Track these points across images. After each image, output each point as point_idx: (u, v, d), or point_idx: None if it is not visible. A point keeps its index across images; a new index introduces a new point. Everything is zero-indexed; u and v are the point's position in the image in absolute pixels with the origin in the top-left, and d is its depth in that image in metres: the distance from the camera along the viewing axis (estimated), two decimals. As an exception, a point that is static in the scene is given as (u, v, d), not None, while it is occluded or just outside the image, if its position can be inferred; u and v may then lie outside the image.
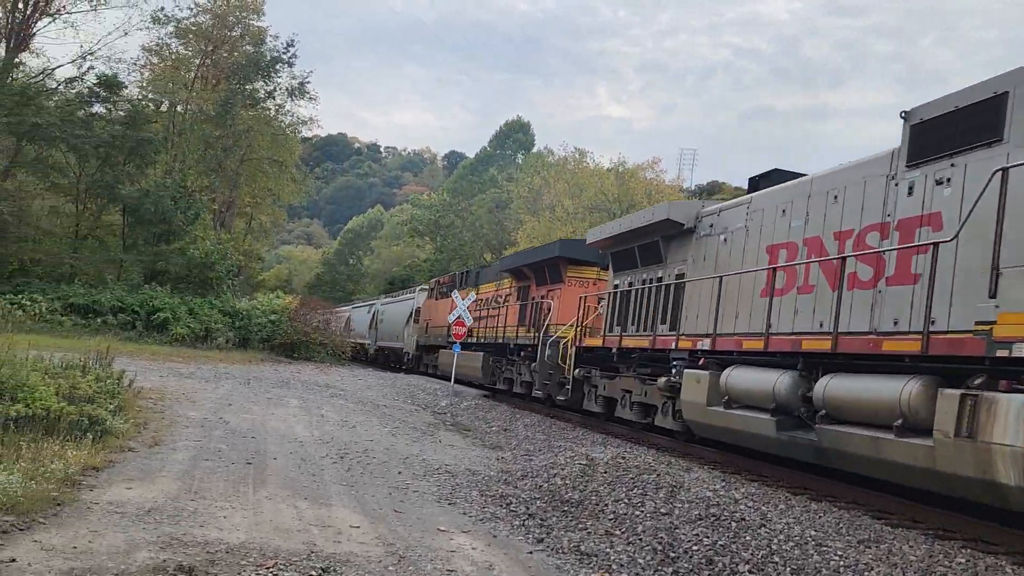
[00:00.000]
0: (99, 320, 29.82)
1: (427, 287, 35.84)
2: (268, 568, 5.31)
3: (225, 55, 44.28)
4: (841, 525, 7.83)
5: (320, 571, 5.41)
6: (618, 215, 34.92)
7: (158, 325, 30.83)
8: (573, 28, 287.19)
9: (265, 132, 45.44)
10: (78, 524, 5.76)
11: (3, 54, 34.99)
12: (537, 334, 19.95)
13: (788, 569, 6.42)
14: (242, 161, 44.53)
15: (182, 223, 35.48)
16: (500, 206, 61.20)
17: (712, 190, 66.81)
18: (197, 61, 44.34)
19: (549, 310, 20.30)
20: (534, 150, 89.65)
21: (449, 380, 25.80)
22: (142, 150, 35.27)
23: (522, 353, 21.66)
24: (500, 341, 23.47)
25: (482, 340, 25.50)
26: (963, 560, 6.54)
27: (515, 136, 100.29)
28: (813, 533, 7.23)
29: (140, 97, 40.61)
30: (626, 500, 8.56)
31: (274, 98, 45.89)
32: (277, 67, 44.21)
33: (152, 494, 6.94)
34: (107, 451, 8.33)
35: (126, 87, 38.51)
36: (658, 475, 9.38)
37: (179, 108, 42.62)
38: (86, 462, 7.52)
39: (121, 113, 36.76)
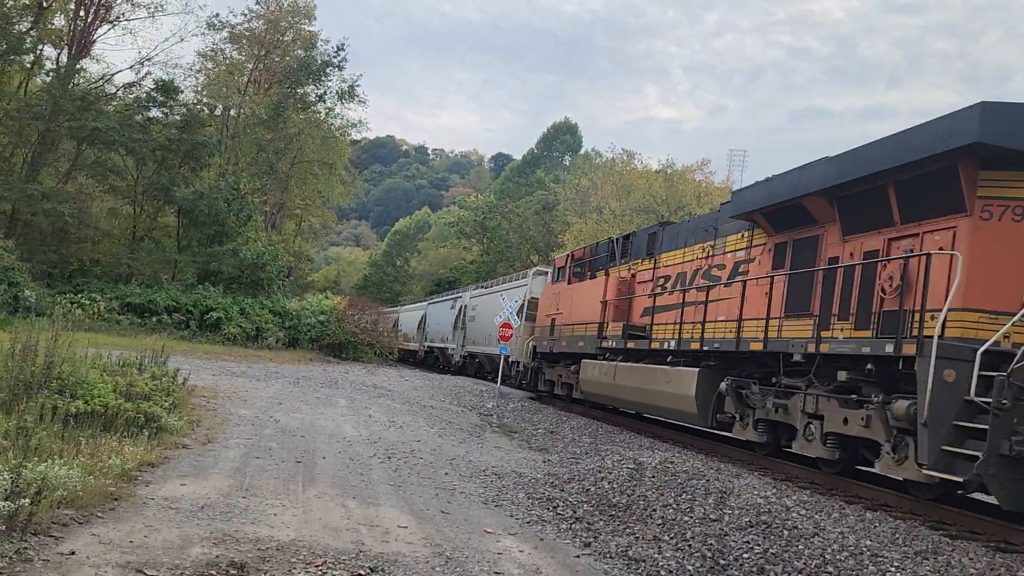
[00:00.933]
0: (154, 319, 30.57)
1: (544, 269, 26.97)
2: (317, 566, 5.36)
3: (277, 59, 45.09)
4: (897, 535, 7.61)
5: (368, 570, 5.45)
6: (666, 218, 34.60)
7: (211, 325, 31.48)
8: (620, 29, 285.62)
9: (315, 135, 46.12)
10: (134, 519, 5.89)
11: (65, 60, 36.11)
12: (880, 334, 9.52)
13: (842, 580, 6.26)
14: (293, 164, 45.26)
15: (234, 224, 36.19)
16: (547, 208, 61.05)
17: (762, 191, 65.66)
18: (250, 66, 45.24)
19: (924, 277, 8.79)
20: (581, 152, 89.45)
21: (606, 409, 19.64)
22: (197, 153, 36.08)
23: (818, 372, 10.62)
24: (739, 348, 12.34)
25: (670, 342, 14.75)
26: (1028, 575, 6.31)
27: (562, 138, 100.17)
28: (868, 543, 7.04)
29: (195, 101, 41.61)
30: (674, 505, 8.45)
31: (324, 101, 46.57)
32: (328, 71, 44.83)
33: (205, 491, 7.07)
34: (162, 448, 8.52)
35: (182, 92, 39.48)
36: (707, 480, 9.24)
37: (232, 112, 43.51)
38: (142, 458, 7.70)
39: (177, 117, 37.67)
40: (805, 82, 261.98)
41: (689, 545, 7.24)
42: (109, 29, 37.98)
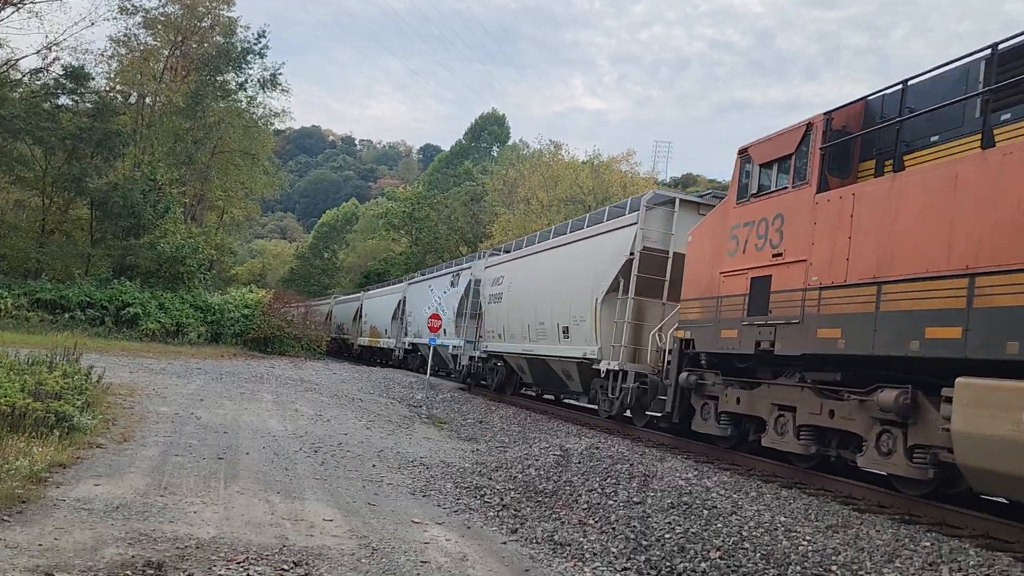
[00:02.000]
0: (67, 316, 29.37)
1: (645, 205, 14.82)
2: (239, 563, 5.28)
3: (195, 46, 43.70)
4: (810, 511, 7.92)
5: (292, 565, 5.39)
6: (593, 208, 34.97)
7: (128, 320, 30.42)
8: (548, 19, 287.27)
9: (237, 124, 44.92)
10: (44, 522, 5.68)
11: (-35, 45, 34.24)
12: None
13: (758, 555, 6.49)
14: (213, 154, 44.00)
15: (152, 217, 34.99)
16: (475, 199, 61.06)
17: (687, 183, 67.21)
18: (166, 52, 43.70)
19: None
20: (509, 143, 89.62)
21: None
22: (110, 143, 34.70)
23: None
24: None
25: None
26: (928, 544, 6.65)
27: (490, 129, 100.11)
28: (783, 519, 7.32)
29: (108, 89, 39.97)
30: (599, 490, 8.61)
31: (245, 90, 45.40)
32: (248, 58, 43.71)
33: (121, 490, 6.86)
34: (74, 448, 8.22)
35: (93, 79, 37.84)
36: (631, 464, 9.44)
37: (148, 100, 42.02)
38: (53, 459, 7.41)
39: (88, 105, 36.10)
40: (727, 74, 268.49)
41: (613, 528, 7.39)
42: (13, 12, 36.12)
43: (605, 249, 15.46)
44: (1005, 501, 7.77)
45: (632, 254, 14.29)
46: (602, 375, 14.70)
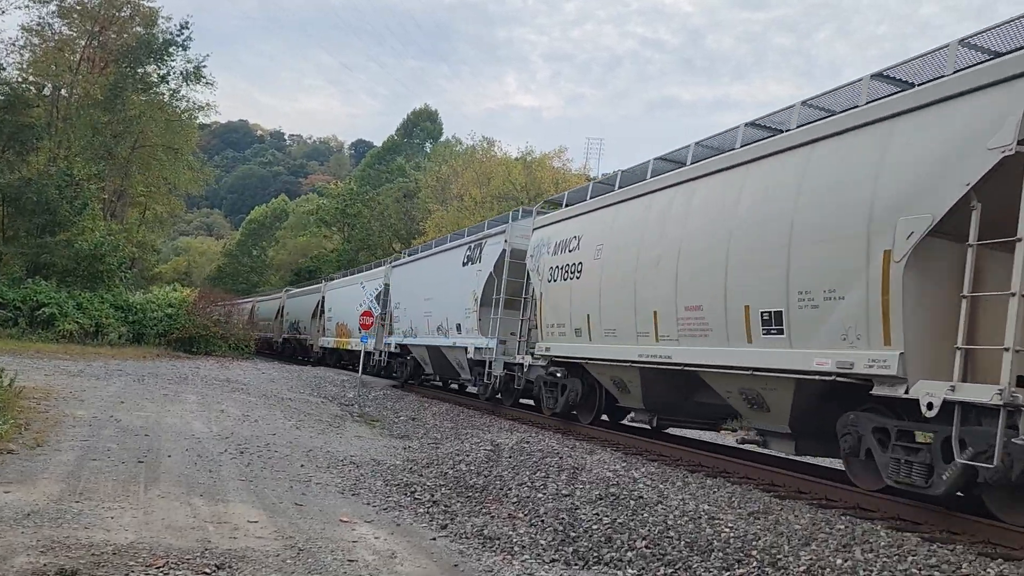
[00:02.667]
0: (-23, 317, 28.01)
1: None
2: (159, 568, 5.14)
3: (114, 36, 42.12)
4: (733, 499, 8.15)
5: (214, 568, 5.28)
6: (525, 203, 35.18)
7: (43, 321, 29.16)
8: (482, 15, 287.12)
9: (159, 118, 43.48)
10: (-52, 531, 5.43)
11: None
12: None
13: (682, 542, 6.65)
14: (134, 148, 42.52)
15: (68, 213, 33.59)
16: (408, 195, 60.64)
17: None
18: (83, 43, 41.99)
19: None
20: (442, 139, 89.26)
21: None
22: (22, 136, 33.17)
23: None
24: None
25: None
26: (842, 527, 6.92)
27: (423, 125, 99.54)
28: (707, 507, 7.51)
29: (20, 80, 38.16)
30: (529, 483, 8.68)
31: (168, 83, 43.94)
32: (170, 50, 42.29)
33: (33, 497, 6.60)
34: (-17, 454, 7.86)
35: (4, 69, 36.14)
36: (560, 458, 9.55)
37: (64, 92, 40.31)
38: (-41, 466, 7.08)
39: (-1, 97, 34.48)
40: (658, 73, 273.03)
41: (542, 520, 7.47)
42: (-85, -2, 34.25)
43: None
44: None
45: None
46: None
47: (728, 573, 6.08)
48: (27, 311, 29.28)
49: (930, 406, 6.77)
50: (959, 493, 7.18)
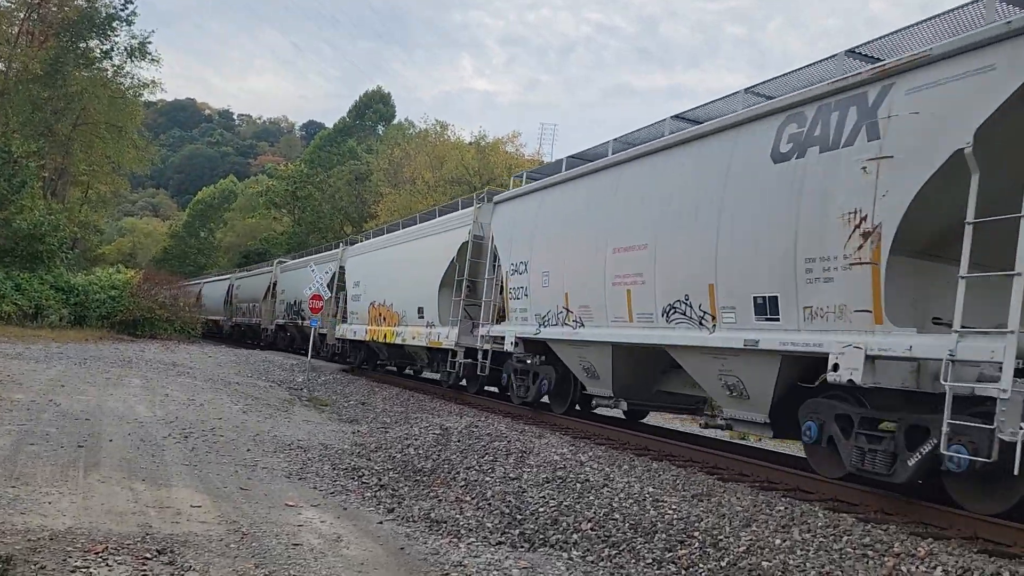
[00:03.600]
0: (-92, 298, 26.98)
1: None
2: (97, 553, 5.06)
3: (54, 9, 40.59)
4: (678, 481, 8.31)
5: (156, 553, 5.21)
6: (478, 188, 35.06)
7: (-21, 303, 28.24)
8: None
9: (102, 95, 42.09)
10: None
11: None
12: None
13: (627, 524, 6.77)
14: (76, 125, 41.20)
15: (6, 191, 32.43)
16: (360, 178, 59.92)
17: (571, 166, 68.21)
18: (21, 15, 40.39)
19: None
20: (395, 122, 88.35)
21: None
22: (-43, 111, 31.94)
23: None
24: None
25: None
26: (782, 508, 7.11)
27: (375, 107, 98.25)
28: (651, 490, 7.64)
29: (-47, 52, 36.68)
30: (477, 467, 8.72)
31: (111, 59, 42.59)
32: (114, 24, 41.00)
33: (-34, 482, 6.42)
34: (-87, 439, 7.61)
35: (-64, 40, 34.67)
36: (509, 442, 9.61)
37: (1, 66, 38.82)
38: None
39: (-70, 69, 33.11)
40: (614, 60, 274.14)
41: (489, 503, 7.52)
42: None
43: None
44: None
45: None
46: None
47: (671, 554, 6.21)
48: (-39, 292, 28.33)
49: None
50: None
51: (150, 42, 42.89)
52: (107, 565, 4.86)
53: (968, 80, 6.50)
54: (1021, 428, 5.89)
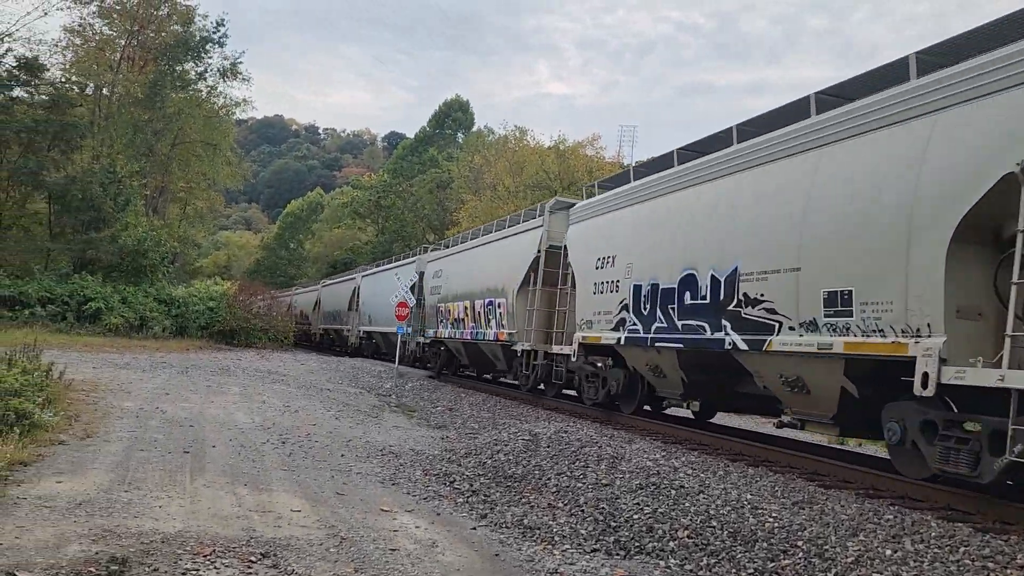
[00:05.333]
0: (27, 312, 28.72)
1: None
2: (206, 556, 5.22)
3: (152, 35, 42.76)
4: (777, 488, 8.04)
5: (260, 556, 5.35)
6: (559, 192, 35.03)
7: (90, 315, 29.87)
8: (510, 4, 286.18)
9: (197, 115, 44.17)
10: (4, 520, 5.57)
11: (-89, 35, 33.19)
12: None
13: (725, 532, 6.58)
14: (174, 145, 43.26)
15: (112, 210, 34.30)
16: (441, 186, 60.78)
17: (652, 166, 67.37)
18: (123, 42, 42.70)
19: None
20: (474, 129, 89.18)
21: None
22: (67, 135, 33.87)
23: None
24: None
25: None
26: (891, 517, 6.79)
27: (454, 115, 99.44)
28: (750, 497, 7.42)
29: (63, 80, 38.93)
30: (568, 473, 8.65)
31: (205, 79, 44.65)
32: (207, 47, 42.94)
33: (84, 487, 6.75)
34: (35, 445, 8.07)
35: (48, 69, 36.86)
36: (599, 447, 9.50)
37: (105, 91, 41.04)
38: (12, 457, 7.27)
39: (43, 97, 35.18)
40: (692, 57, 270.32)
41: (582, 510, 7.44)
42: (-39, 2, 35.07)
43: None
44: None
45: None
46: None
47: (773, 564, 6.00)
48: (74, 306, 30.01)
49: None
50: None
51: (241, 62, 44.78)
52: (215, 568, 5.02)
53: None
54: None
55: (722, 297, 10.03)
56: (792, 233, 8.93)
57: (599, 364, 13.91)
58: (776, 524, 6.61)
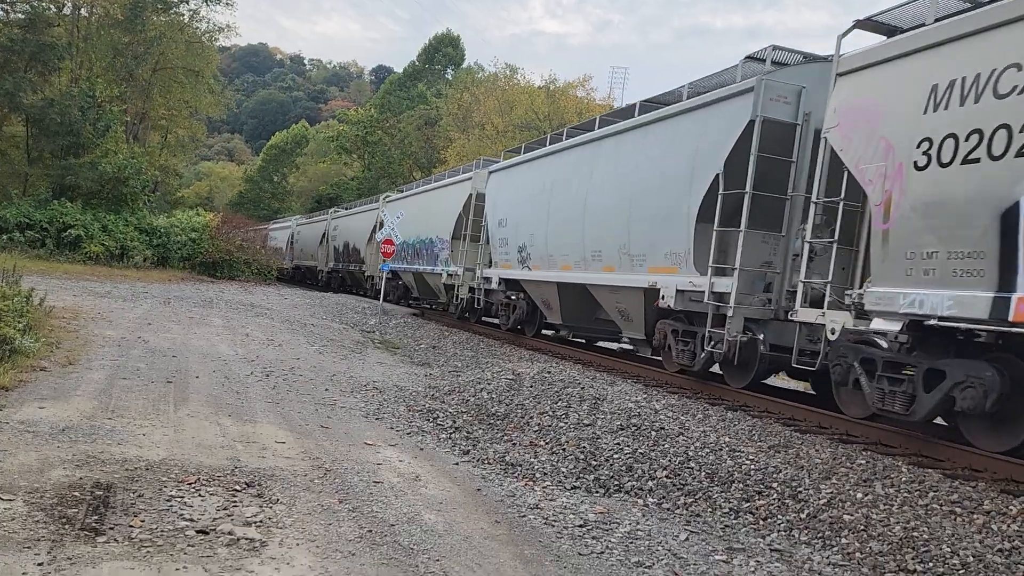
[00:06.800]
0: (4, 237, 28.36)
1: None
2: (191, 484, 5.27)
3: (132, -46, 41.27)
4: (754, 432, 8.20)
5: (244, 485, 5.40)
6: (549, 132, 34.61)
7: (70, 243, 29.54)
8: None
9: (179, 39, 42.91)
10: (-13, 444, 5.57)
11: None
12: None
13: (703, 473, 6.72)
14: (155, 70, 42.15)
15: (91, 135, 33.59)
16: (429, 123, 59.91)
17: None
18: (101, -40, 41.22)
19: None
20: (464, 66, 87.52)
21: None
22: (44, 56, 32.90)
23: None
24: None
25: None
26: (863, 461, 6.95)
27: (445, 50, 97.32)
28: (728, 440, 7.56)
29: (39, -2, 37.67)
30: (550, 412, 8.76)
31: (187, 2, 43.26)
32: (190, -32, 41.52)
33: (67, 413, 6.75)
34: (16, 371, 8.03)
35: (23, -13, 35.59)
36: (582, 388, 9.61)
37: (83, 12, 39.77)
38: (-7, 382, 7.25)
39: (19, 15, 34.08)
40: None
41: (563, 449, 7.55)
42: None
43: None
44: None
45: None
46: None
47: (748, 504, 6.15)
48: (54, 232, 29.64)
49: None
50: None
51: (224, -15, 43.28)
52: (199, 496, 5.06)
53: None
54: None
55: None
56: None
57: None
58: (752, 466, 6.76)
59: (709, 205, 10.45)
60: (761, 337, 10.01)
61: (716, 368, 11.20)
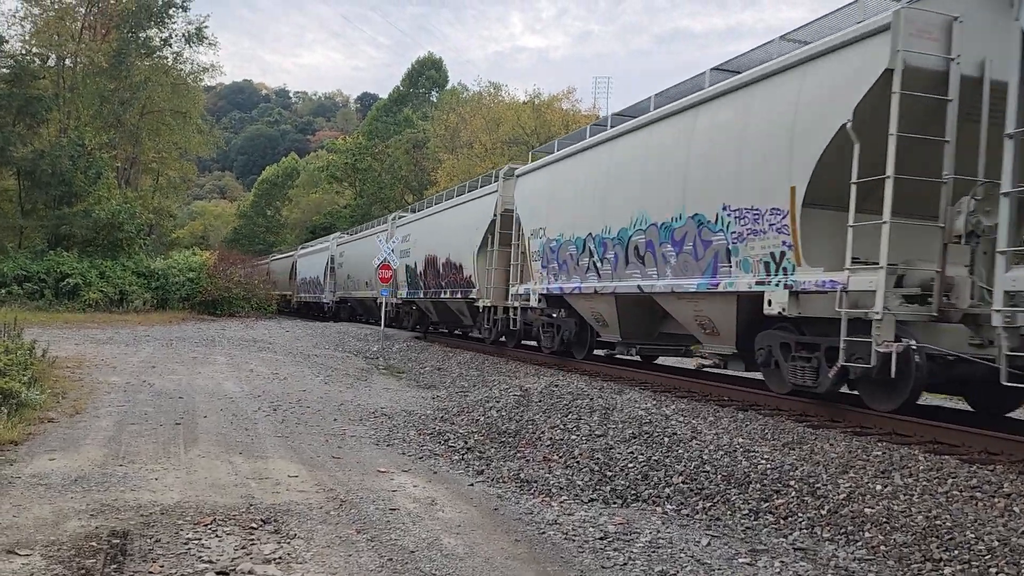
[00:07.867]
0: (3, 291, 28.40)
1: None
2: (207, 525, 5.23)
3: (113, 2, 41.56)
4: (767, 431, 8.17)
5: (261, 522, 5.36)
6: (536, 147, 34.76)
7: (68, 292, 29.57)
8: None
9: (164, 82, 43.16)
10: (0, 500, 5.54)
11: None
12: None
13: (719, 476, 6.68)
14: (142, 114, 42.38)
15: (83, 183, 33.73)
16: (417, 146, 60.15)
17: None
18: (82, 10, 41.47)
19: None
20: (448, 87, 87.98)
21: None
22: (32, 109, 33.14)
23: None
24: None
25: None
26: (879, 453, 6.92)
27: (428, 74, 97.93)
28: (741, 441, 7.52)
29: (24, 52, 37.91)
30: (561, 426, 8.72)
31: (171, 45, 43.53)
32: (170, 12, 41.81)
33: (78, 463, 6.72)
34: (24, 424, 8.00)
35: (7, 41, 35.88)
36: (591, 399, 9.58)
37: (68, 62, 39.99)
38: (2, 436, 7.22)
39: (4, 70, 34.32)
40: (668, 4, 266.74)
41: (577, 462, 7.52)
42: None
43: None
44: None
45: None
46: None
47: (767, 503, 6.11)
48: (52, 282, 29.69)
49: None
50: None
51: (206, 26, 43.66)
52: (217, 536, 5.03)
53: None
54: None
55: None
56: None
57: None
58: (768, 465, 6.72)
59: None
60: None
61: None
